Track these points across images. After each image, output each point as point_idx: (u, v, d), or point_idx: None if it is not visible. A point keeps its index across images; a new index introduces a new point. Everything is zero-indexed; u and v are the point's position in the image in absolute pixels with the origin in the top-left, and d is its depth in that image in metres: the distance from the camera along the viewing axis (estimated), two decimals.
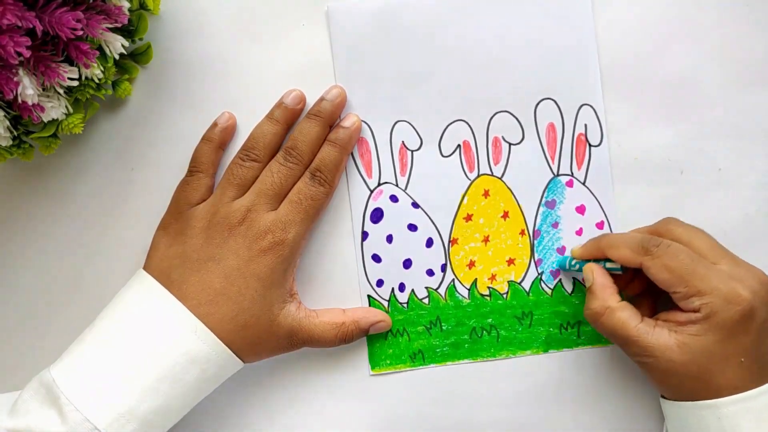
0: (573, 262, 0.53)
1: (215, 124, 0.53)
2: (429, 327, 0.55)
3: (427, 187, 0.54)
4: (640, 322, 0.48)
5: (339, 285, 0.55)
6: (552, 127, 0.54)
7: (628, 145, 0.54)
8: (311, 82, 0.53)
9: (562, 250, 0.54)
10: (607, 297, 0.49)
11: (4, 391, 0.50)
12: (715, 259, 0.48)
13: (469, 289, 0.55)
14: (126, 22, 0.48)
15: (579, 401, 0.55)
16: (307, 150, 0.52)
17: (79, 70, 0.47)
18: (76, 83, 0.47)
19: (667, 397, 0.50)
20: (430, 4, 0.53)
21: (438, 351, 0.55)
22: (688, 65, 0.54)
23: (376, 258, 0.54)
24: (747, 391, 0.46)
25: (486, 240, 0.54)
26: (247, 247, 0.50)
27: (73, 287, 0.55)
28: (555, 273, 0.54)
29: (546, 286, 0.55)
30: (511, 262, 0.55)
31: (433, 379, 0.55)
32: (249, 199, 0.51)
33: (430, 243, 0.54)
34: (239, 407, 0.55)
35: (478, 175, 0.54)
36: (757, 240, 0.54)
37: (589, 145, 0.54)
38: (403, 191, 0.54)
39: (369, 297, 0.55)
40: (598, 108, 0.54)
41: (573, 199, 0.54)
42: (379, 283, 0.55)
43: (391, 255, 0.54)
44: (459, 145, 0.54)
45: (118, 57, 0.49)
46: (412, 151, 0.54)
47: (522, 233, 0.54)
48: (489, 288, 0.55)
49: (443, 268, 0.55)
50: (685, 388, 0.47)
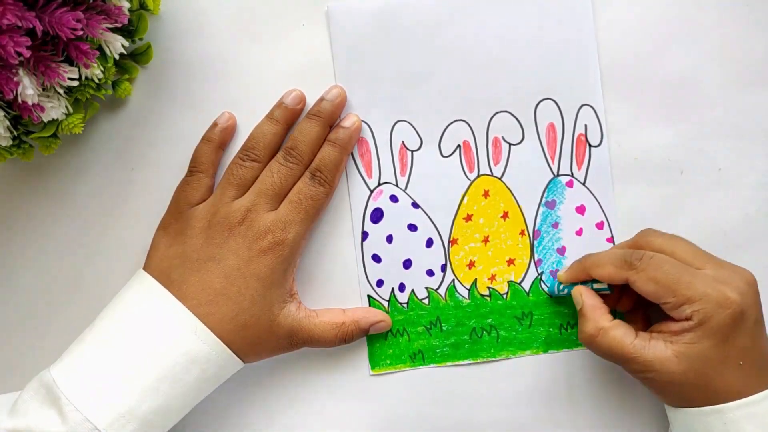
0: (561, 287, 0.53)
1: (215, 124, 0.53)
2: (429, 327, 0.55)
3: (427, 187, 0.54)
4: (635, 338, 0.48)
5: (339, 285, 0.55)
6: (552, 127, 0.54)
7: (628, 145, 0.54)
8: (311, 82, 0.53)
9: (562, 251, 0.54)
10: (599, 317, 0.49)
11: (4, 391, 0.50)
12: (700, 264, 0.48)
13: (469, 290, 0.55)
14: (126, 22, 0.48)
15: (579, 401, 0.55)
16: (307, 150, 0.52)
17: (79, 70, 0.47)
18: (76, 83, 0.47)
19: (670, 405, 0.49)
20: (430, 4, 0.53)
21: (438, 351, 0.55)
22: (688, 65, 0.54)
23: (376, 258, 0.54)
24: (750, 394, 0.46)
25: (486, 240, 0.54)
26: (247, 247, 0.50)
27: (73, 287, 0.55)
28: (555, 273, 0.54)
29: (546, 286, 0.54)
30: (511, 262, 0.55)
31: (433, 379, 0.55)
32: (249, 199, 0.51)
33: (430, 243, 0.54)
34: (239, 407, 0.55)
35: (478, 176, 0.54)
36: (757, 240, 0.54)
37: (589, 145, 0.54)
38: (403, 191, 0.54)
39: (369, 297, 0.55)
40: (598, 108, 0.54)
41: (573, 199, 0.54)
42: (379, 283, 0.55)
43: (391, 255, 0.54)
44: (459, 145, 0.54)
45: (118, 57, 0.49)
46: (412, 151, 0.54)
47: (522, 233, 0.54)
48: (489, 288, 0.55)
49: (443, 269, 0.55)
50: (687, 397, 0.47)
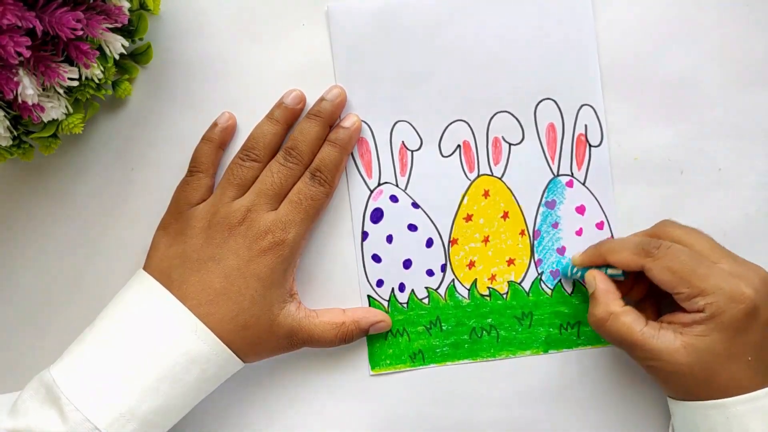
0: (574, 270, 0.53)
1: (215, 124, 0.53)
2: (429, 327, 0.55)
3: (427, 187, 0.54)
4: (645, 325, 0.48)
5: (339, 285, 0.55)
6: (552, 127, 0.54)
7: (628, 145, 0.54)
8: (311, 82, 0.53)
9: (562, 251, 0.54)
10: (611, 302, 0.49)
11: (4, 391, 0.50)
12: (716, 258, 0.48)
13: (469, 290, 0.55)
14: (126, 22, 0.48)
15: (579, 401, 0.54)
16: (307, 150, 0.52)
17: (79, 70, 0.47)
18: (76, 83, 0.47)
19: (673, 397, 0.49)
20: (430, 4, 0.53)
21: (438, 351, 0.55)
22: (688, 65, 0.54)
23: (376, 258, 0.54)
24: (755, 390, 0.46)
25: (486, 240, 0.54)
26: (247, 247, 0.50)
27: (73, 287, 0.55)
28: (555, 273, 0.54)
29: (546, 286, 0.55)
30: (511, 262, 0.55)
31: (433, 379, 0.55)
32: (249, 199, 0.51)
33: (430, 243, 0.54)
34: (239, 407, 0.55)
35: (478, 176, 0.54)
36: (757, 240, 0.54)
37: (589, 146, 0.54)
38: (403, 191, 0.54)
39: (369, 297, 0.55)
40: (598, 108, 0.54)
41: (573, 199, 0.54)
42: (379, 283, 0.55)
43: (391, 255, 0.54)
44: (459, 145, 0.54)
45: (118, 57, 0.49)
46: (412, 151, 0.54)
47: (522, 233, 0.54)
48: (489, 288, 0.55)
49: (443, 269, 0.55)
50: (692, 389, 0.47)
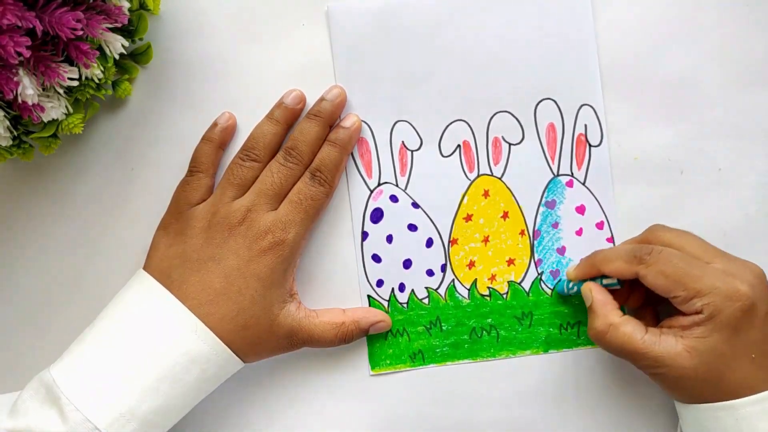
0: (570, 285, 0.53)
1: (215, 124, 0.53)
2: (429, 327, 0.55)
3: (427, 187, 0.54)
4: (645, 333, 0.47)
5: (339, 285, 0.55)
6: (552, 127, 0.54)
7: (628, 145, 0.54)
8: (311, 82, 0.53)
9: (562, 251, 0.54)
10: (609, 313, 0.49)
11: (4, 391, 0.50)
12: (709, 258, 0.48)
13: (469, 290, 0.55)
14: (126, 22, 0.48)
15: (579, 401, 0.54)
16: (307, 150, 0.52)
17: (79, 70, 0.47)
18: (76, 83, 0.47)
19: (681, 401, 0.49)
20: (431, 4, 0.53)
21: (438, 351, 0.55)
22: (688, 65, 0.54)
23: (376, 258, 0.54)
24: (763, 389, 0.46)
25: (486, 240, 0.54)
26: (247, 247, 0.50)
27: (73, 287, 0.55)
28: (555, 273, 0.54)
29: (546, 286, 0.54)
30: (511, 262, 0.55)
31: (433, 379, 0.55)
32: (249, 199, 0.51)
33: (430, 243, 0.54)
34: (239, 407, 0.55)
35: (478, 175, 0.54)
36: (757, 240, 0.54)
37: (589, 145, 0.54)
38: (403, 191, 0.54)
39: (369, 297, 0.55)
40: (598, 108, 0.54)
41: (573, 199, 0.54)
42: (379, 283, 0.55)
43: (391, 255, 0.54)
44: (459, 145, 0.54)
45: (118, 57, 0.49)
46: (412, 151, 0.54)
47: (522, 233, 0.54)
48: (489, 288, 0.55)
49: (443, 268, 0.55)
50: (699, 392, 0.47)
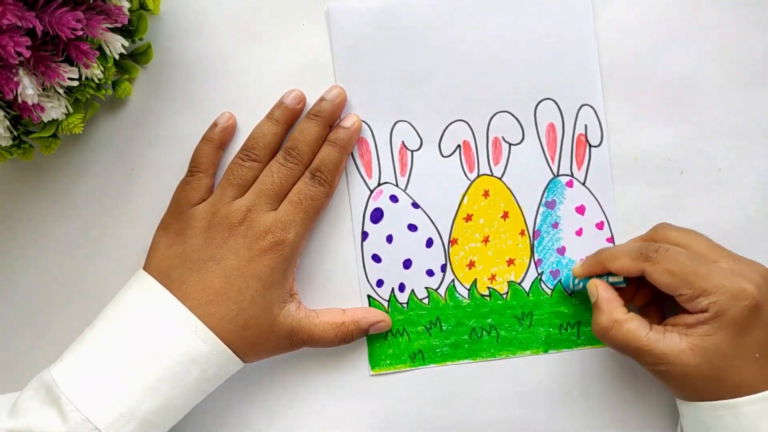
0: (576, 281, 0.53)
1: (215, 124, 0.53)
2: (429, 327, 0.55)
3: (427, 187, 0.54)
4: (650, 330, 0.47)
5: (339, 285, 0.55)
6: (552, 127, 0.54)
7: (628, 145, 0.54)
8: (311, 82, 0.53)
9: (562, 251, 0.54)
10: (614, 310, 0.49)
11: (4, 391, 0.50)
12: (715, 257, 0.48)
13: (469, 290, 0.55)
14: (126, 22, 0.48)
15: (579, 401, 0.54)
16: (307, 150, 0.52)
17: (79, 70, 0.47)
18: (76, 83, 0.47)
19: (683, 399, 0.49)
20: (431, 4, 0.53)
21: (438, 351, 0.55)
22: (688, 65, 0.54)
23: (376, 258, 0.54)
24: (765, 388, 0.46)
25: (486, 240, 0.54)
26: (247, 247, 0.50)
27: (73, 287, 0.55)
28: (555, 273, 0.54)
29: (546, 286, 0.55)
30: (511, 262, 0.55)
31: (433, 379, 0.55)
32: (249, 199, 0.51)
33: (430, 243, 0.54)
34: (239, 407, 0.55)
35: (478, 176, 0.54)
36: (757, 240, 0.54)
37: (589, 145, 0.54)
38: (403, 191, 0.54)
39: (369, 297, 0.55)
40: (598, 108, 0.54)
41: (573, 199, 0.54)
42: (379, 283, 0.55)
43: (391, 255, 0.54)
44: (459, 145, 0.54)
45: (118, 57, 0.49)
46: (412, 151, 0.54)
47: (522, 233, 0.54)
48: (489, 288, 0.55)
49: (443, 269, 0.55)
50: (702, 390, 0.47)
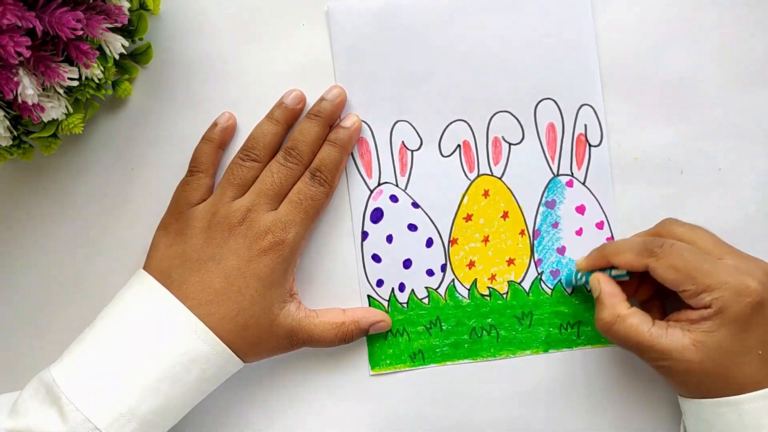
0: (579, 275, 0.53)
1: (215, 124, 0.53)
2: (429, 327, 0.55)
3: (427, 187, 0.54)
4: (652, 326, 0.47)
5: (339, 285, 0.55)
6: (552, 127, 0.54)
7: (628, 145, 0.54)
8: (311, 82, 0.53)
9: (562, 250, 0.54)
10: (616, 304, 0.49)
11: (4, 391, 0.50)
12: (720, 254, 0.48)
13: (469, 289, 0.55)
14: (126, 22, 0.48)
15: (579, 401, 0.54)
16: (307, 150, 0.52)
17: (79, 70, 0.47)
18: (76, 83, 0.47)
19: (685, 396, 0.49)
20: (430, 4, 0.53)
21: (438, 351, 0.55)
22: (688, 65, 0.54)
23: (376, 258, 0.54)
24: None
25: (486, 240, 0.54)
26: (248, 247, 0.50)
27: (73, 287, 0.55)
28: (555, 273, 0.54)
29: (546, 286, 0.55)
30: (511, 262, 0.55)
31: (433, 379, 0.55)
32: (249, 199, 0.51)
33: (430, 243, 0.54)
34: (239, 407, 0.55)
35: (478, 175, 0.54)
36: (757, 240, 0.54)
37: (589, 145, 0.54)
38: (403, 191, 0.54)
39: (369, 297, 0.55)
40: (598, 108, 0.54)
41: (573, 199, 0.54)
42: (379, 283, 0.55)
43: (391, 255, 0.54)
44: (459, 145, 0.54)
45: (118, 57, 0.49)
46: (412, 151, 0.54)
47: (522, 233, 0.54)
48: (489, 288, 0.55)
49: (443, 268, 0.55)
50: (704, 387, 0.47)
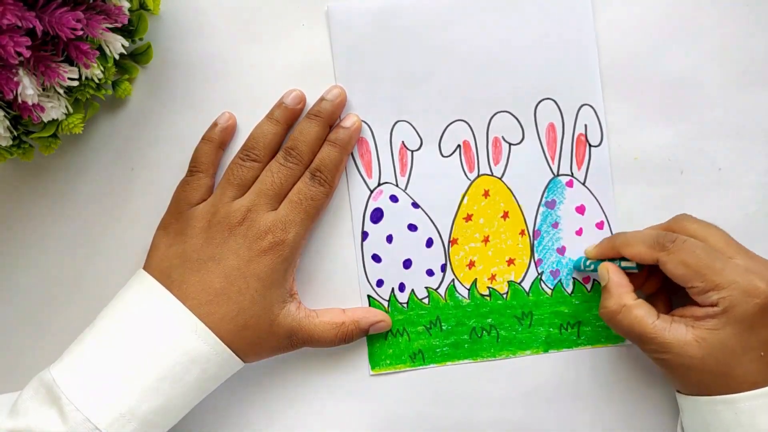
0: (587, 263, 0.53)
1: (215, 124, 0.53)
2: (429, 327, 0.55)
3: (427, 187, 0.54)
4: (657, 318, 0.48)
5: (339, 285, 0.55)
6: (552, 127, 0.54)
7: (628, 145, 0.54)
8: (311, 82, 0.53)
9: (562, 250, 0.54)
10: (623, 295, 0.49)
11: (4, 391, 0.50)
12: (731, 253, 0.48)
13: (469, 289, 0.55)
14: (126, 22, 0.48)
15: (579, 401, 0.54)
16: (307, 150, 0.52)
17: (79, 70, 0.47)
18: (76, 83, 0.47)
19: (683, 392, 0.49)
20: (431, 4, 0.53)
21: (438, 351, 0.55)
22: (688, 65, 0.54)
23: (376, 258, 0.54)
24: (766, 386, 0.46)
25: (486, 240, 0.54)
26: (248, 247, 0.50)
27: (73, 287, 0.55)
28: (555, 273, 0.54)
29: (546, 286, 0.55)
30: (511, 262, 0.55)
31: (433, 379, 0.55)
32: (249, 199, 0.51)
33: (430, 243, 0.54)
34: (239, 407, 0.55)
35: (478, 175, 0.54)
36: (758, 240, 0.54)
37: (589, 145, 0.54)
38: (403, 191, 0.54)
39: (369, 297, 0.55)
40: (598, 108, 0.54)
41: (573, 199, 0.54)
42: (379, 283, 0.55)
43: (391, 255, 0.54)
44: (459, 145, 0.54)
45: (118, 57, 0.49)
46: (412, 151, 0.54)
47: (522, 233, 0.54)
48: (489, 288, 0.55)
49: (443, 268, 0.55)
50: (703, 383, 0.47)
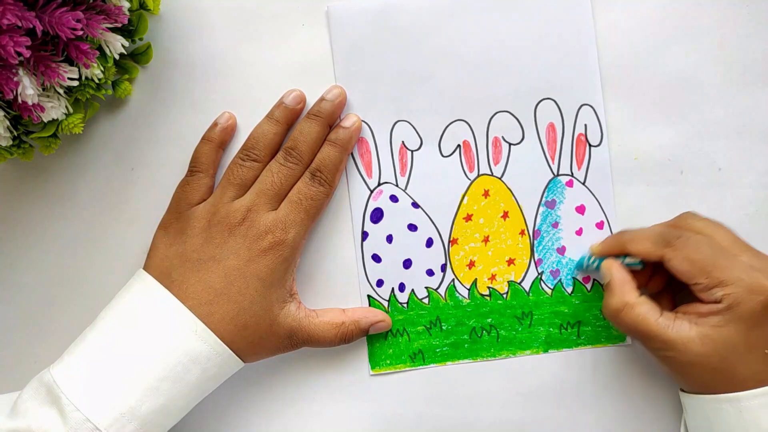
0: (591, 260, 0.53)
1: (215, 124, 0.53)
2: (429, 327, 0.55)
3: (427, 187, 0.54)
4: (660, 316, 0.47)
5: (339, 285, 0.55)
6: (552, 127, 0.54)
7: (628, 145, 0.54)
8: (311, 82, 0.53)
9: (562, 250, 0.54)
10: (626, 292, 0.49)
11: (4, 391, 0.50)
12: (736, 251, 0.48)
13: (469, 289, 0.55)
14: (126, 22, 0.48)
15: (579, 401, 0.55)
16: (307, 150, 0.52)
17: (79, 70, 0.47)
18: (76, 83, 0.47)
19: (687, 391, 0.49)
20: (431, 5, 0.53)
21: (438, 351, 0.55)
22: (688, 65, 0.54)
23: (376, 258, 0.54)
24: None
25: (486, 240, 0.54)
26: (248, 247, 0.50)
27: (73, 287, 0.55)
28: (555, 273, 0.54)
29: (546, 286, 0.55)
30: (511, 262, 0.55)
31: (433, 379, 0.55)
32: (249, 199, 0.51)
33: (430, 243, 0.54)
34: (239, 407, 0.55)
35: (478, 175, 0.54)
36: (758, 240, 0.53)
37: (589, 145, 0.54)
38: (403, 191, 0.54)
39: (369, 297, 0.55)
40: (598, 108, 0.54)
41: (573, 199, 0.54)
42: (379, 283, 0.55)
43: (391, 255, 0.54)
44: (459, 145, 0.54)
45: (118, 57, 0.49)
46: (412, 151, 0.54)
47: (522, 233, 0.54)
48: (489, 288, 0.55)
49: (443, 268, 0.55)
50: (707, 381, 0.47)
